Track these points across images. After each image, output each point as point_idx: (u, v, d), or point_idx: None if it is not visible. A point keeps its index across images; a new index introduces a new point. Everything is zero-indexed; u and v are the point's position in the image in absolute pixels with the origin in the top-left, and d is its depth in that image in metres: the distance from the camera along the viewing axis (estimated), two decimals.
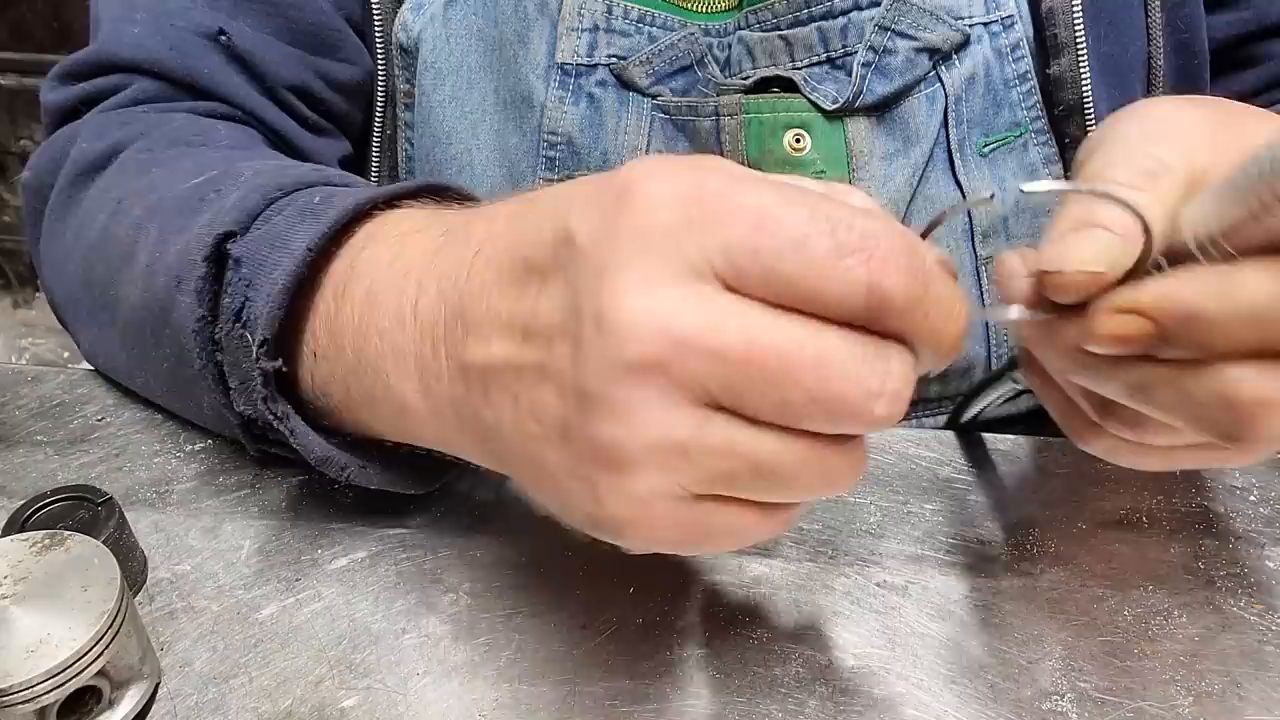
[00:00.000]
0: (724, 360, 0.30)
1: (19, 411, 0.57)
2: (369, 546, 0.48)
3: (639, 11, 0.61)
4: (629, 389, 0.30)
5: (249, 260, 0.44)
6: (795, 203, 0.30)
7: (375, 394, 0.42)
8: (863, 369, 0.30)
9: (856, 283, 0.29)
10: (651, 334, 0.30)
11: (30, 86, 1.91)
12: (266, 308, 0.42)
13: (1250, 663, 0.43)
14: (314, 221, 0.44)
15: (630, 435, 0.31)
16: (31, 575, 0.40)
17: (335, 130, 0.67)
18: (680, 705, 0.41)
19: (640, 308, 0.30)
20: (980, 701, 0.42)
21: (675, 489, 0.31)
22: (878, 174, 0.61)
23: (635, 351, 0.30)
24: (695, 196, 0.30)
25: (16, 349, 1.97)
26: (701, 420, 0.31)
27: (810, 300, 0.30)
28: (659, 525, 0.32)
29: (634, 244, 0.30)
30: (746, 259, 0.30)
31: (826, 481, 0.32)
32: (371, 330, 0.41)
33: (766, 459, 0.31)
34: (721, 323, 0.30)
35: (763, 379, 0.30)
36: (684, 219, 0.30)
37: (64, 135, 0.62)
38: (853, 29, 0.60)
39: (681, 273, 0.30)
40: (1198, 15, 0.64)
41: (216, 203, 0.48)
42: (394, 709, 0.41)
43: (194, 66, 0.61)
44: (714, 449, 0.31)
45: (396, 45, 0.65)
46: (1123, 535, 0.49)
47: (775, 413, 0.30)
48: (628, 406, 0.30)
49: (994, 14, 0.61)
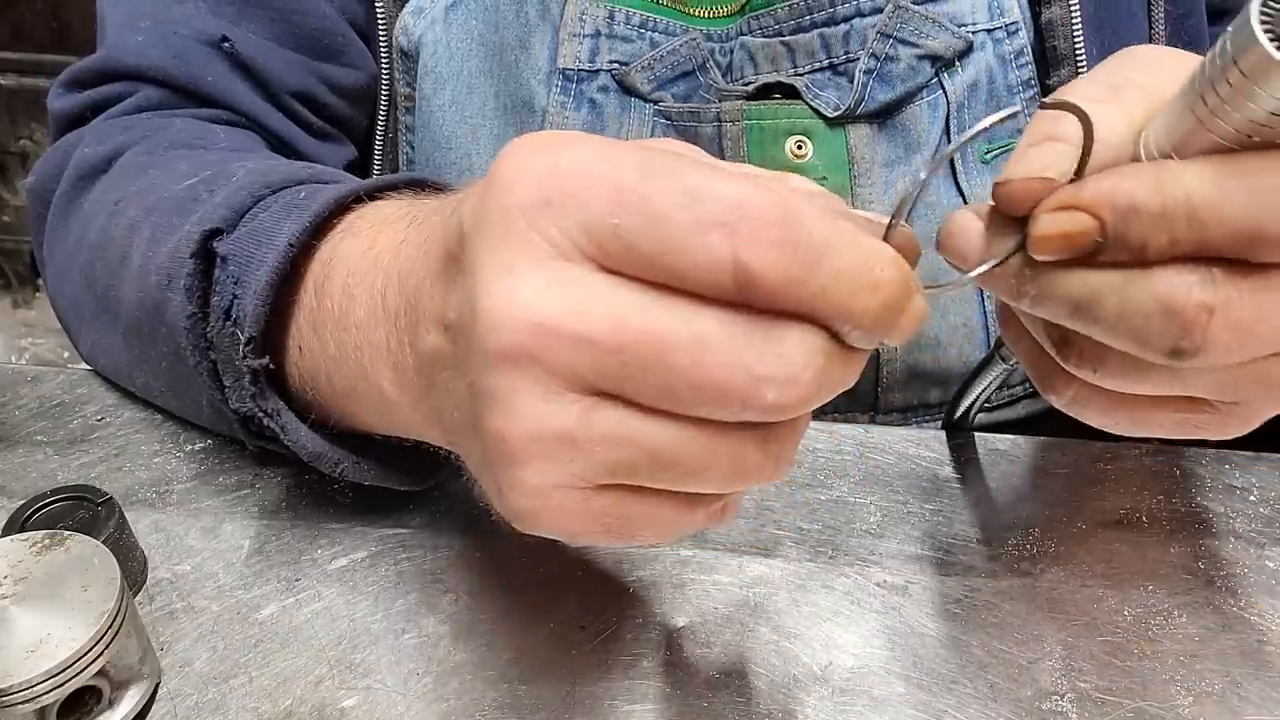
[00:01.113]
0: (594, 346, 0.28)
1: (19, 411, 0.57)
2: (369, 546, 0.48)
3: (641, 17, 0.61)
4: (503, 379, 0.29)
5: (235, 258, 0.44)
6: (655, 175, 0.28)
7: (357, 386, 0.42)
8: (746, 352, 0.28)
9: (720, 260, 0.27)
10: (515, 322, 0.28)
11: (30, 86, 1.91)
12: (252, 307, 0.43)
13: (1250, 663, 0.43)
14: (297, 216, 0.44)
15: (511, 427, 0.29)
16: (31, 575, 0.40)
17: (340, 135, 0.67)
18: (680, 705, 0.41)
19: (503, 294, 0.28)
20: (980, 701, 0.42)
21: (571, 479, 0.30)
22: (879, 181, 0.61)
23: (502, 341, 0.28)
24: (552, 173, 0.29)
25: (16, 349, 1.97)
26: (586, 408, 0.29)
27: (679, 279, 0.28)
28: (565, 516, 0.31)
29: (498, 227, 0.29)
30: (607, 236, 0.28)
31: (742, 472, 0.30)
32: (350, 323, 0.41)
33: (664, 448, 0.29)
34: (587, 306, 0.28)
35: (638, 365, 0.28)
36: (541, 197, 0.28)
37: (68, 141, 0.62)
38: (855, 35, 0.60)
39: (544, 254, 0.28)
40: (1201, 26, 0.64)
41: (208, 201, 0.48)
42: (394, 709, 0.41)
43: (197, 74, 0.61)
44: (604, 438, 0.29)
45: (397, 49, 0.65)
46: (1123, 535, 0.49)
47: (660, 400, 0.29)
48: (505, 397, 0.29)
49: (997, 21, 0.61)
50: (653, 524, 0.32)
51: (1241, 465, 0.52)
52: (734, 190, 0.27)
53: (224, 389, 0.46)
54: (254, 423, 0.46)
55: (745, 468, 0.30)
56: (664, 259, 0.28)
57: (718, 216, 0.27)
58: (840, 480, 0.52)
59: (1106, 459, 0.53)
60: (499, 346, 0.29)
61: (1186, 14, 0.63)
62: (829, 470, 0.52)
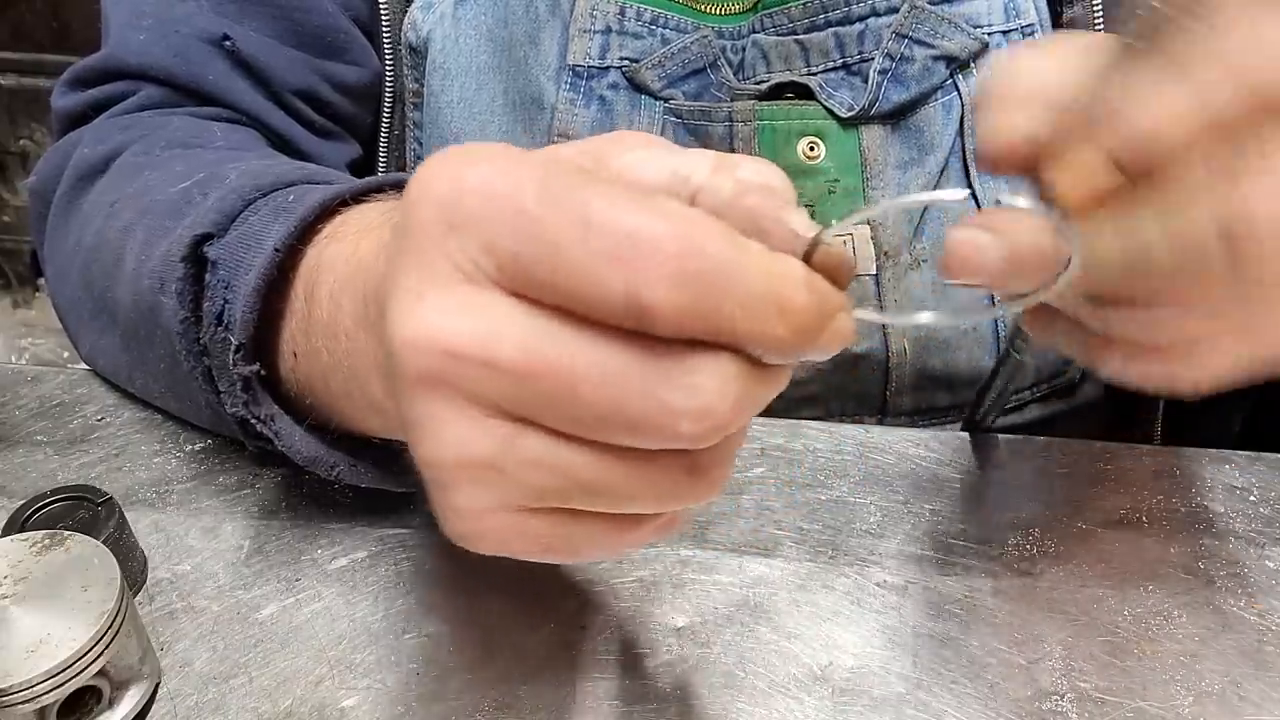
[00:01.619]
0: (503, 372, 0.27)
1: (19, 411, 0.57)
2: (369, 546, 0.48)
3: (652, 13, 0.60)
4: (422, 407, 0.28)
5: (225, 263, 0.44)
6: (554, 200, 0.27)
7: (351, 391, 0.41)
8: (656, 385, 0.27)
9: (615, 294, 0.26)
10: (426, 348, 0.28)
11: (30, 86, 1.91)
12: (240, 314, 0.42)
13: (1250, 663, 0.43)
14: (284, 220, 0.43)
15: (436, 453, 0.29)
16: (31, 575, 0.40)
17: (343, 134, 0.67)
18: (680, 705, 0.41)
19: (413, 321, 0.28)
20: (980, 701, 0.42)
21: (501, 504, 0.29)
22: (892, 183, 0.61)
23: (417, 368, 0.28)
24: (455, 193, 0.28)
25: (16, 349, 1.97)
26: (509, 435, 0.28)
27: (580, 307, 0.27)
28: (503, 537, 0.30)
29: (409, 250, 0.28)
30: (508, 261, 0.27)
31: (674, 495, 0.29)
32: (338, 330, 0.40)
33: (586, 475, 0.28)
34: (494, 332, 0.27)
35: (548, 394, 0.27)
36: (446, 219, 0.28)
37: (68, 141, 0.62)
38: (870, 35, 0.59)
39: (452, 279, 0.28)
40: None
41: (200, 205, 0.48)
42: (394, 709, 0.41)
43: (199, 73, 0.61)
44: (529, 464, 0.28)
45: (406, 45, 0.64)
46: (1123, 535, 0.49)
47: (575, 428, 0.28)
48: (426, 424, 0.29)
49: (1014, 22, 0.61)
50: (594, 544, 0.31)
51: (1241, 465, 0.52)
52: (630, 220, 0.26)
53: (220, 393, 0.46)
54: (250, 426, 0.46)
55: (677, 492, 0.29)
56: (562, 289, 0.27)
57: (611, 249, 0.26)
58: (840, 480, 0.52)
59: (1106, 459, 0.53)
60: (414, 374, 0.28)
61: None
62: (829, 470, 0.52)
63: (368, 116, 0.68)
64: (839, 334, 0.29)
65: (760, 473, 0.52)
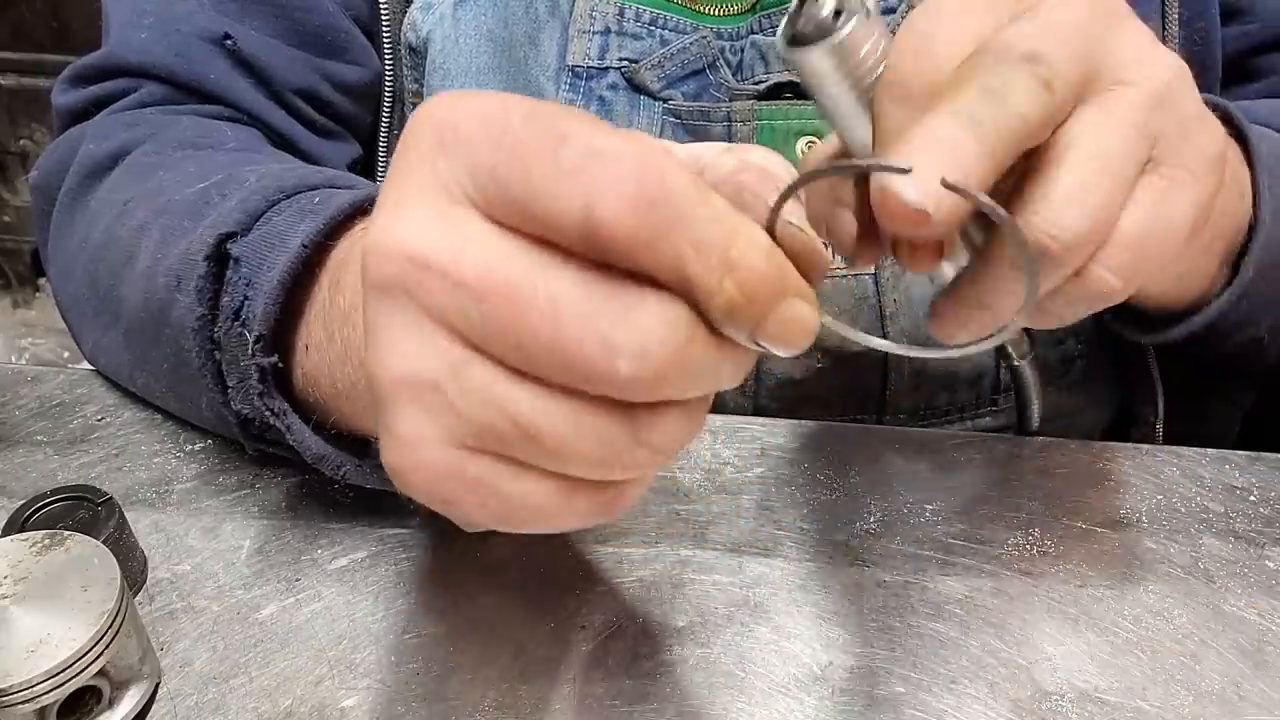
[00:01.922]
0: (463, 288, 0.28)
1: (19, 411, 0.57)
2: (369, 546, 0.48)
3: (651, 14, 0.60)
4: (380, 314, 0.29)
5: (248, 260, 0.44)
6: (538, 121, 0.27)
7: (357, 382, 0.42)
8: (600, 317, 0.27)
9: (571, 206, 0.27)
10: (393, 253, 0.28)
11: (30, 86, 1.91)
12: (263, 306, 0.43)
13: (1250, 663, 0.43)
14: (312, 219, 0.44)
15: (383, 365, 0.29)
16: (31, 575, 0.40)
17: (344, 133, 0.67)
18: (680, 705, 0.41)
19: (388, 228, 0.29)
20: (980, 701, 0.42)
21: (439, 434, 0.29)
22: None
23: (381, 272, 0.29)
24: (451, 116, 0.29)
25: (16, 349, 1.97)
26: (457, 360, 0.29)
27: (544, 228, 0.27)
28: (434, 475, 0.30)
29: (400, 168, 0.30)
30: (486, 180, 0.28)
31: (610, 454, 0.29)
32: (357, 318, 0.41)
33: (525, 415, 0.28)
34: (461, 248, 0.28)
35: (499, 316, 0.28)
36: (439, 141, 0.29)
37: (71, 136, 0.62)
38: None
39: (434, 195, 0.29)
40: (1214, 29, 0.64)
41: (220, 205, 0.48)
42: (394, 709, 0.41)
43: (200, 72, 0.61)
44: (471, 394, 0.28)
45: (405, 45, 0.64)
46: (1122, 535, 0.49)
47: (519, 359, 0.28)
48: (380, 334, 0.29)
49: None
50: (529, 505, 0.31)
51: (1241, 465, 0.52)
52: (600, 141, 0.27)
53: (226, 391, 0.46)
54: (255, 425, 0.46)
55: (613, 450, 0.29)
56: (529, 205, 0.27)
57: (577, 162, 0.27)
58: (840, 480, 0.52)
59: (1106, 459, 0.53)
60: (378, 277, 0.29)
61: (1196, 16, 0.63)
62: (829, 470, 0.52)
63: (368, 116, 0.68)
64: (796, 322, 0.29)
65: (760, 473, 0.52)
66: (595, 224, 0.26)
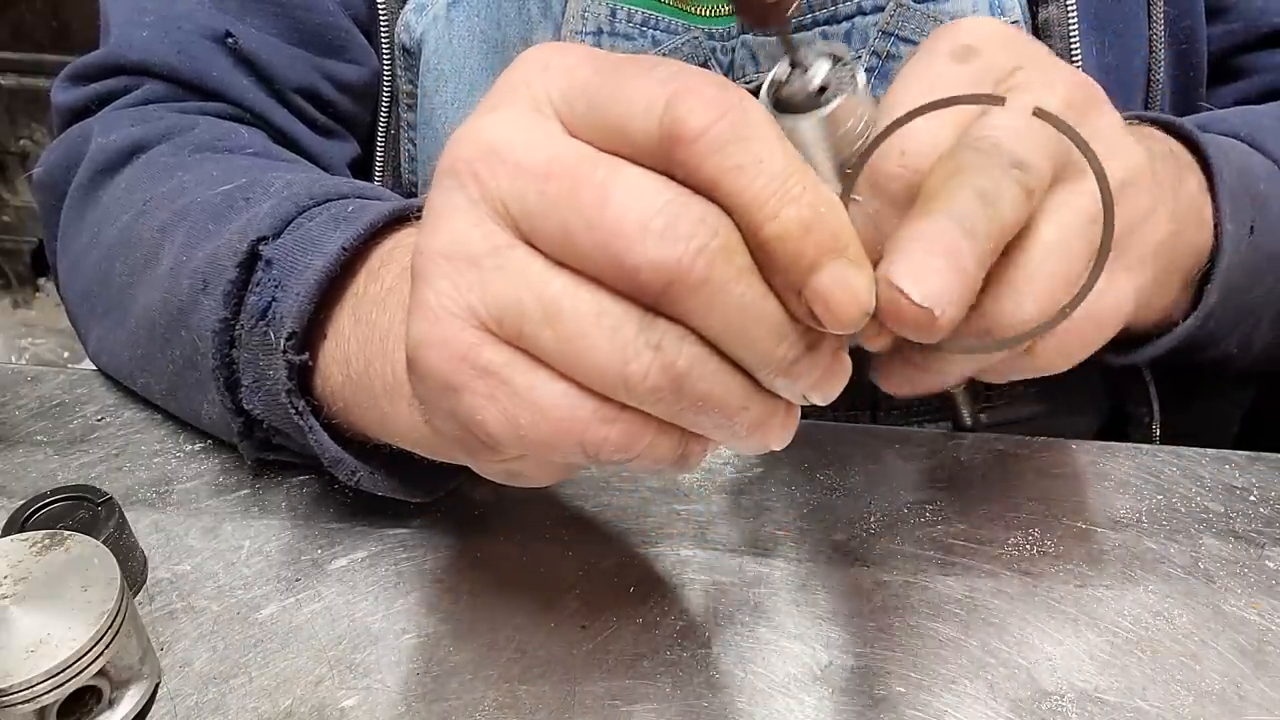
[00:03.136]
0: (528, 174, 0.30)
1: (19, 411, 0.57)
2: (369, 546, 0.48)
3: (643, 15, 0.61)
4: (442, 195, 0.32)
5: (280, 262, 0.45)
6: (636, 59, 0.31)
7: (374, 366, 0.42)
8: (645, 205, 0.29)
9: (654, 101, 0.29)
10: (471, 141, 0.31)
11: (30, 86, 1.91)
12: (296, 303, 0.43)
13: (1250, 663, 0.43)
14: (348, 226, 0.44)
15: (432, 240, 0.32)
16: (31, 575, 0.40)
17: (343, 132, 0.67)
18: (680, 705, 0.41)
19: (475, 123, 0.32)
20: (980, 701, 0.42)
21: (467, 310, 0.31)
22: None
23: (454, 155, 0.31)
24: (559, 53, 0.32)
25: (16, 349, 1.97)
26: (501, 243, 0.31)
27: (622, 132, 0.30)
28: (450, 353, 0.31)
29: (498, 88, 0.33)
30: (578, 95, 0.31)
31: (620, 351, 0.30)
32: (393, 299, 0.41)
33: (552, 295, 0.30)
34: (537, 141, 0.30)
35: (554, 195, 0.30)
36: (542, 65, 0.32)
37: (76, 132, 0.62)
38: (856, 34, 0.60)
39: (524, 103, 0.31)
40: (1199, 27, 0.64)
41: (247, 210, 0.49)
42: (394, 709, 0.41)
43: (201, 69, 0.61)
44: (505, 270, 0.30)
45: (399, 46, 0.65)
46: (1123, 535, 0.49)
47: (560, 241, 0.30)
48: (438, 212, 0.32)
49: (998, 19, 0.61)
50: (536, 403, 0.31)
51: (1241, 465, 0.52)
52: (692, 70, 0.30)
53: (236, 392, 0.46)
54: (262, 427, 0.47)
55: (623, 346, 0.30)
56: (614, 108, 0.30)
57: (668, 73, 0.30)
58: (840, 480, 0.52)
59: (1106, 459, 0.53)
60: (451, 161, 0.31)
61: (1181, 15, 0.63)
62: (829, 470, 0.52)
63: (366, 115, 0.68)
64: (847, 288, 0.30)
65: (760, 473, 0.52)
66: (671, 119, 0.29)
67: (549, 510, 0.50)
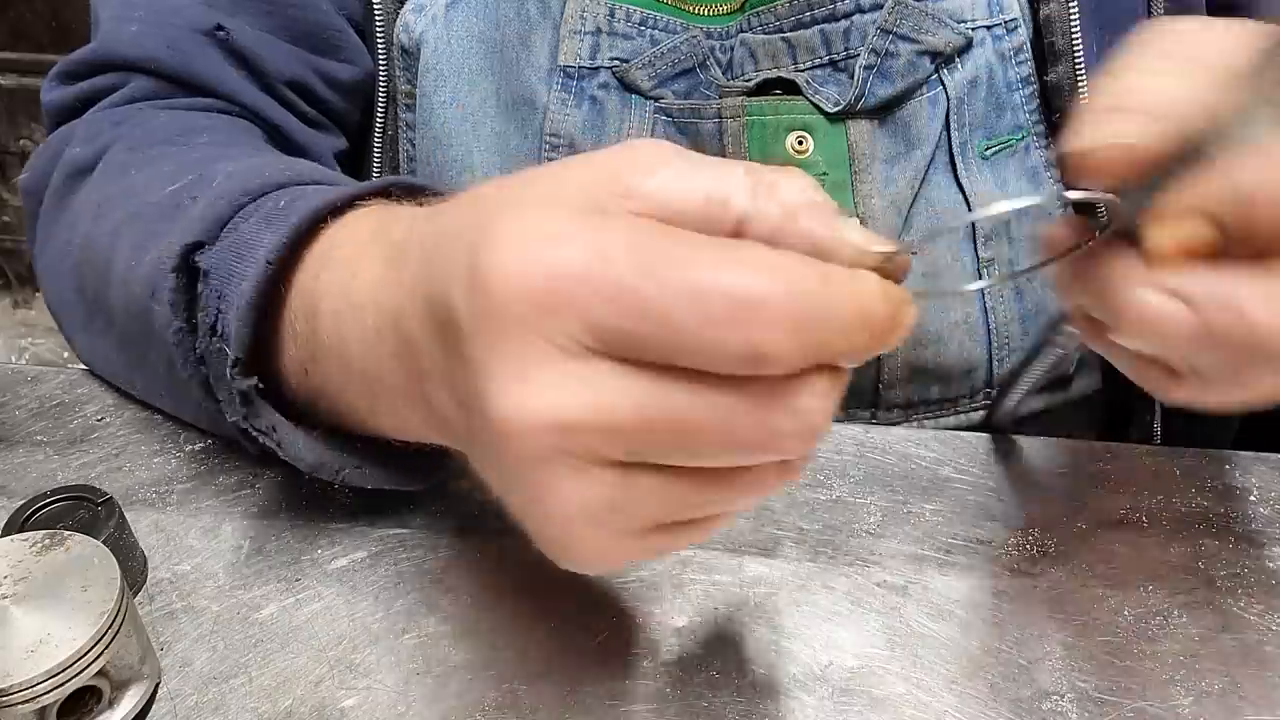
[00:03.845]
0: (621, 434, 0.29)
1: (19, 411, 0.57)
2: (369, 546, 0.48)
3: (641, 14, 0.61)
4: (536, 480, 0.30)
5: (217, 272, 0.44)
6: (654, 272, 0.28)
7: (376, 407, 0.42)
8: (767, 416, 0.29)
9: (732, 351, 0.28)
10: (538, 427, 0.29)
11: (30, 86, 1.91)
12: (235, 327, 0.42)
13: (1250, 663, 0.43)
14: (276, 229, 0.43)
15: (557, 511, 0.31)
16: (31, 575, 0.40)
17: (332, 126, 0.67)
18: (680, 705, 0.41)
19: (520, 404, 0.29)
20: (980, 701, 0.42)
21: (621, 533, 0.31)
22: (879, 176, 0.61)
23: (529, 450, 0.29)
24: (548, 280, 0.28)
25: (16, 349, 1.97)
26: (621, 478, 0.30)
27: (698, 365, 0.29)
28: (617, 557, 0.33)
29: (498, 333, 0.29)
30: (613, 336, 0.28)
31: (762, 494, 0.32)
32: (350, 358, 0.40)
33: (694, 497, 0.31)
34: (606, 400, 0.28)
35: (664, 443, 0.29)
36: (540, 305, 0.28)
37: (60, 136, 0.61)
38: (855, 32, 0.60)
39: (551, 356, 0.28)
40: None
41: (191, 209, 0.48)
42: (394, 709, 0.41)
43: (192, 64, 0.61)
44: (644, 498, 0.31)
45: (398, 46, 0.64)
46: (1123, 535, 0.49)
47: (688, 463, 0.30)
48: (542, 494, 0.30)
49: (997, 17, 0.61)
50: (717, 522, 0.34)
51: (1241, 465, 0.52)
52: (737, 281, 0.28)
53: (219, 401, 0.46)
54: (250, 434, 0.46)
55: (767, 489, 0.32)
56: (677, 354, 0.28)
57: (726, 313, 0.27)
58: (840, 480, 0.52)
59: (1106, 459, 0.53)
60: (531, 455, 0.29)
61: (1184, 10, 0.63)
62: (829, 470, 0.52)
63: (357, 113, 0.68)
64: (908, 325, 0.31)
65: None
66: (760, 358, 0.28)
67: None
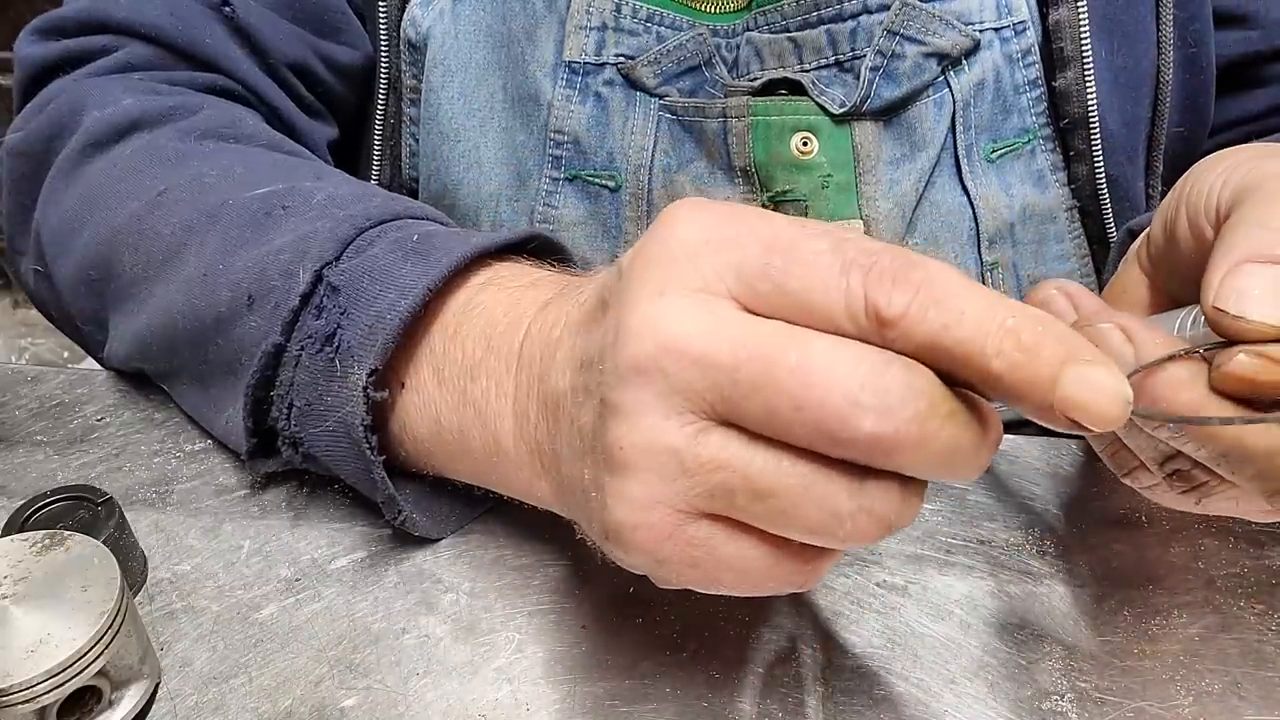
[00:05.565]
0: (715, 367, 0.30)
1: (19, 411, 0.57)
2: (369, 546, 0.48)
3: (647, 11, 0.61)
4: (632, 391, 0.31)
5: (346, 290, 0.44)
6: (808, 228, 0.31)
7: (469, 430, 0.42)
8: (848, 378, 0.29)
9: (833, 281, 0.30)
10: (650, 337, 0.31)
11: None
12: (377, 340, 0.42)
13: (1250, 663, 0.43)
14: (422, 261, 0.44)
15: (629, 435, 0.31)
16: (31, 575, 0.40)
17: (327, 114, 0.67)
18: (680, 705, 0.41)
19: (649, 313, 0.31)
20: (980, 701, 0.42)
21: (672, 498, 0.32)
22: (884, 178, 0.61)
23: (639, 353, 0.31)
24: (719, 222, 0.32)
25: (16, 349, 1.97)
26: (698, 430, 0.31)
27: (813, 315, 0.30)
28: (658, 536, 0.32)
29: (659, 261, 0.32)
30: (757, 275, 0.30)
31: (832, 517, 0.30)
32: (481, 371, 0.42)
33: (762, 475, 0.30)
34: (718, 331, 0.30)
35: (749, 384, 0.30)
36: (704, 239, 0.31)
37: (62, 99, 0.59)
38: (861, 32, 0.60)
39: (693, 286, 0.31)
40: (1207, 31, 0.64)
41: (287, 221, 0.48)
42: (394, 709, 0.41)
43: (195, 36, 0.60)
44: (709, 460, 0.31)
45: (405, 41, 0.64)
46: (1123, 535, 0.49)
47: (763, 421, 0.30)
48: (630, 408, 0.31)
49: (1005, 19, 0.61)
50: (737, 567, 0.33)
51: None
52: (872, 243, 0.30)
53: (259, 411, 0.46)
54: (283, 449, 0.46)
55: (836, 513, 0.31)
56: (808, 296, 0.30)
57: (857, 259, 0.30)
58: None
59: None
60: (635, 359, 0.31)
61: (1191, 18, 0.63)
62: None
63: (355, 100, 0.68)
64: (1098, 385, 0.29)
65: None
66: (874, 307, 0.29)
67: (550, 511, 0.50)
